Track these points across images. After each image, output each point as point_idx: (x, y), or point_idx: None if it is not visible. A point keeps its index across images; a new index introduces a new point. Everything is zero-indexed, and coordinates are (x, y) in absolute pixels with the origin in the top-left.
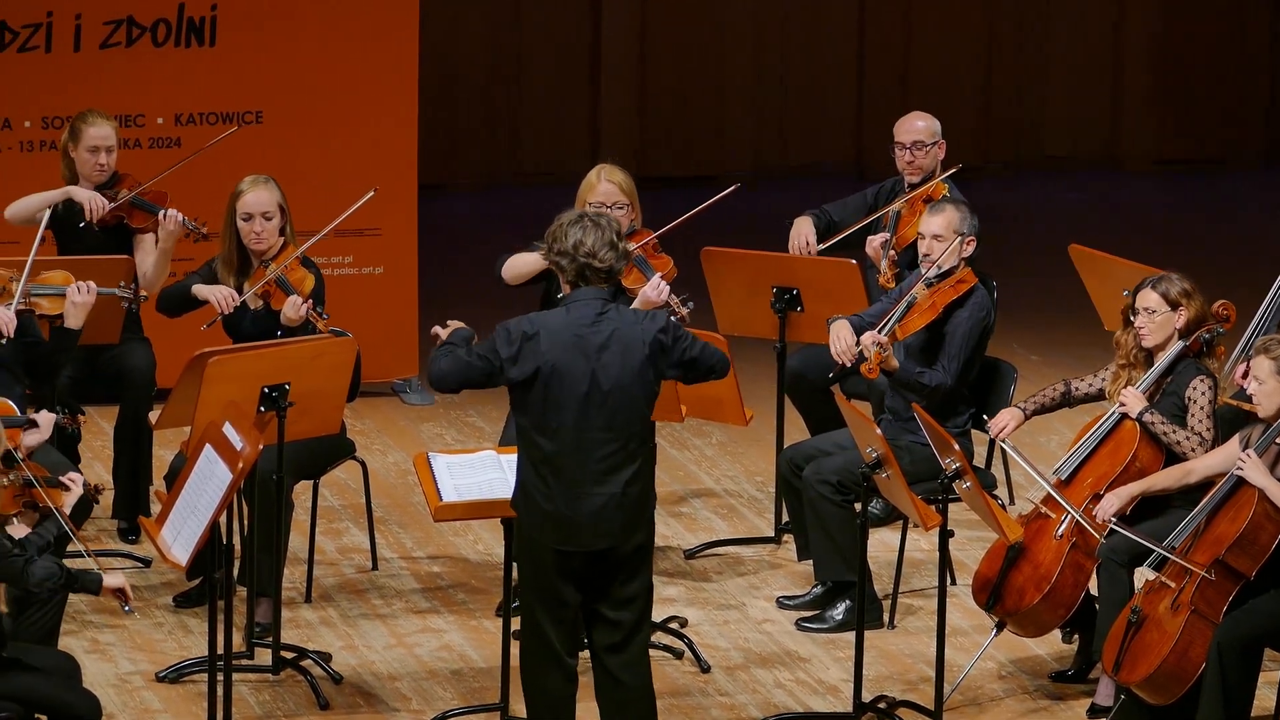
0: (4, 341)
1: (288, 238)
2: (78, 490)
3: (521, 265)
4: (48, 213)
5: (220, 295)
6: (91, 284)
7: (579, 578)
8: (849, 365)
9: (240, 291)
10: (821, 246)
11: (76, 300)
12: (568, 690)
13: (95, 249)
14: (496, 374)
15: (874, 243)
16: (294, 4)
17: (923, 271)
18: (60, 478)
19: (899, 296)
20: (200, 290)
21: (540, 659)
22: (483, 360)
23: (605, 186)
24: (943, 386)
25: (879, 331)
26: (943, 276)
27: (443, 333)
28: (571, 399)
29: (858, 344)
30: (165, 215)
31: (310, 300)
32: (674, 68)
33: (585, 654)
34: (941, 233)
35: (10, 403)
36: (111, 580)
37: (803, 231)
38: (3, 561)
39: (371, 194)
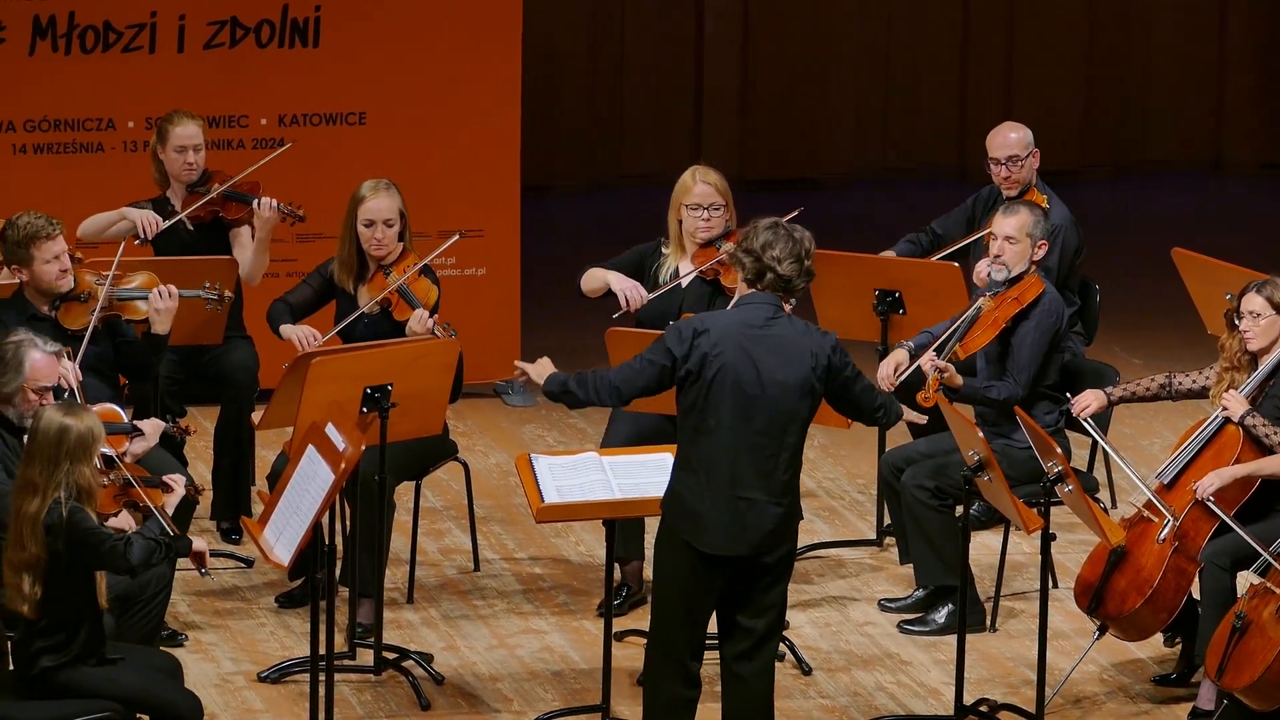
0: (65, 392)
1: (406, 244)
2: (179, 491)
3: (594, 280)
4: (139, 219)
5: (302, 335)
6: (173, 288)
7: (721, 583)
8: (890, 390)
9: (357, 295)
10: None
11: (159, 306)
12: (688, 695)
13: (191, 248)
14: (669, 373)
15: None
16: (398, 5)
17: (998, 279)
18: (162, 478)
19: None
20: (286, 332)
21: (665, 661)
22: (653, 364)
23: (701, 188)
24: (1014, 398)
25: (938, 355)
26: (1012, 282)
27: (530, 370)
28: (733, 397)
29: (903, 369)
30: (259, 203)
31: (435, 314)
32: (776, 69)
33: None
34: (1014, 234)
35: (117, 409)
36: (196, 544)
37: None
38: (105, 548)
39: (456, 237)
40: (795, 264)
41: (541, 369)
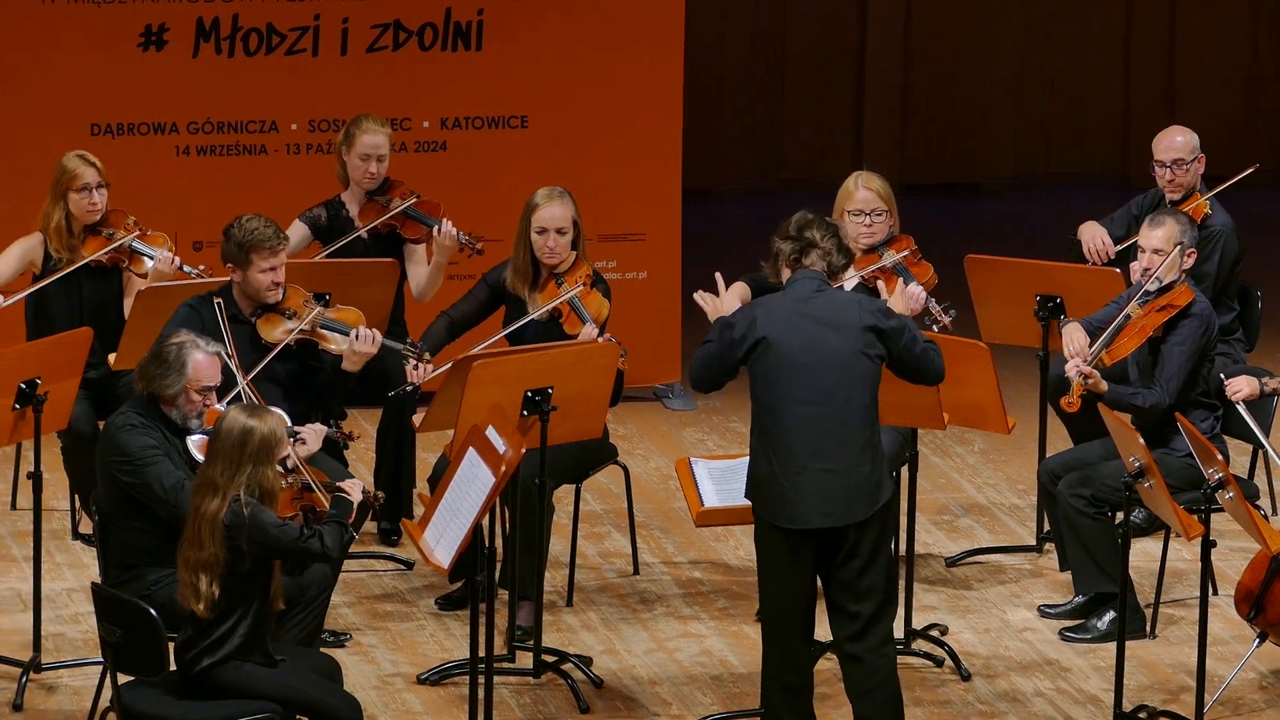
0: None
1: (580, 252)
2: (356, 495)
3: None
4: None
5: (417, 377)
6: (376, 334)
7: (812, 560)
8: (1079, 372)
9: (529, 302)
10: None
11: (356, 346)
12: (798, 682)
13: (363, 256)
14: (730, 354)
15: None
16: (561, 8)
17: (1143, 283)
18: (339, 485)
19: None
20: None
21: (774, 650)
22: (721, 341)
23: (863, 194)
24: (1159, 406)
25: (1085, 360)
26: (1163, 290)
27: (708, 303)
28: (787, 371)
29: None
30: (440, 230)
31: (605, 331)
32: (938, 73)
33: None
34: (1162, 246)
35: (281, 413)
36: (352, 493)
37: (1096, 234)
38: (301, 545)
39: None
40: (833, 239)
41: (717, 307)
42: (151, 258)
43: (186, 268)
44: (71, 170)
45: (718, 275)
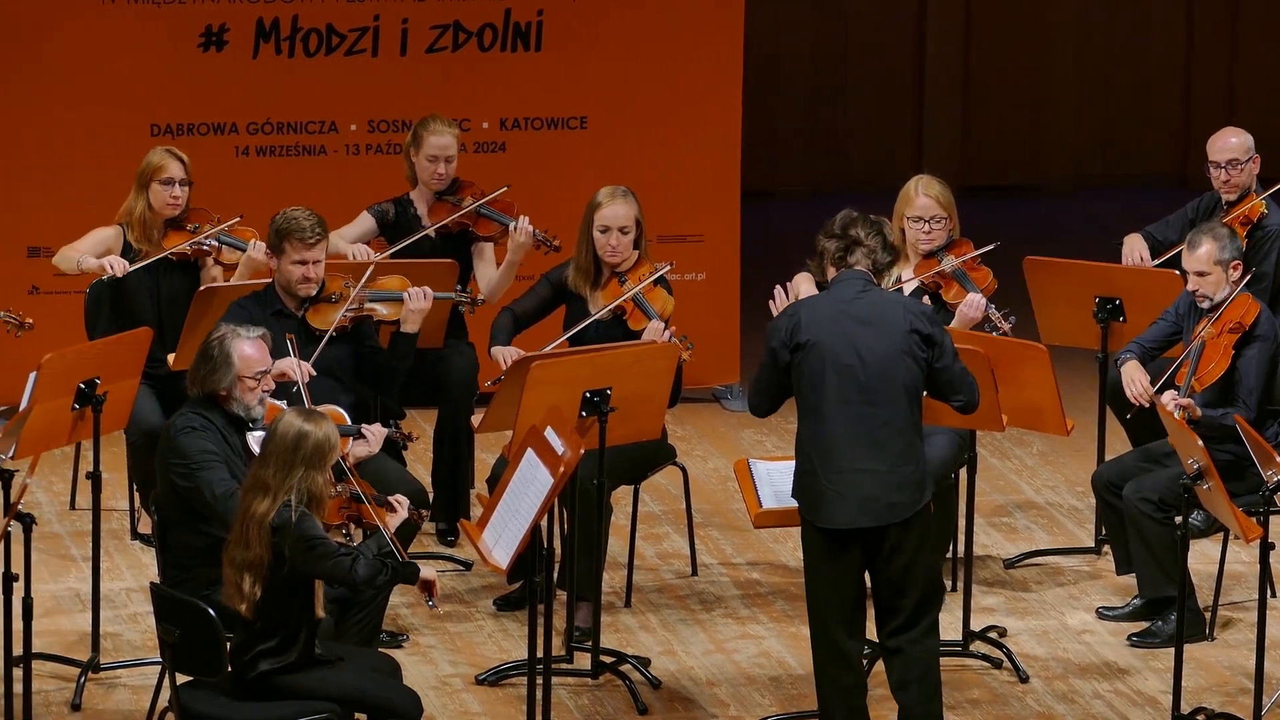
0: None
1: (642, 251)
2: (403, 513)
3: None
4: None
5: (507, 356)
6: (428, 289)
7: (856, 559)
8: (1147, 406)
9: (590, 301)
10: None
11: (413, 306)
12: (848, 680)
13: (430, 256)
14: (777, 361)
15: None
16: (620, 10)
17: (1202, 307)
18: (388, 498)
19: (1188, 341)
20: (495, 354)
21: (822, 649)
22: (767, 359)
23: (922, 200)
24: (1247, 420)
25: (1179, 392)
26: (1222, 304)
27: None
28: (832, 371)
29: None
30: (516, 227)
31: (673, 326)
32: (997, 76)
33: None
34: (1204, 268)
35: (342, 411)
36: (426, 573)
37: (1135, 248)
38: (332, 561)
39: (668, 266)
40: (878, 237)
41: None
42: (243, 249)
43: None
44: (157, 163)
45: (778, 289)
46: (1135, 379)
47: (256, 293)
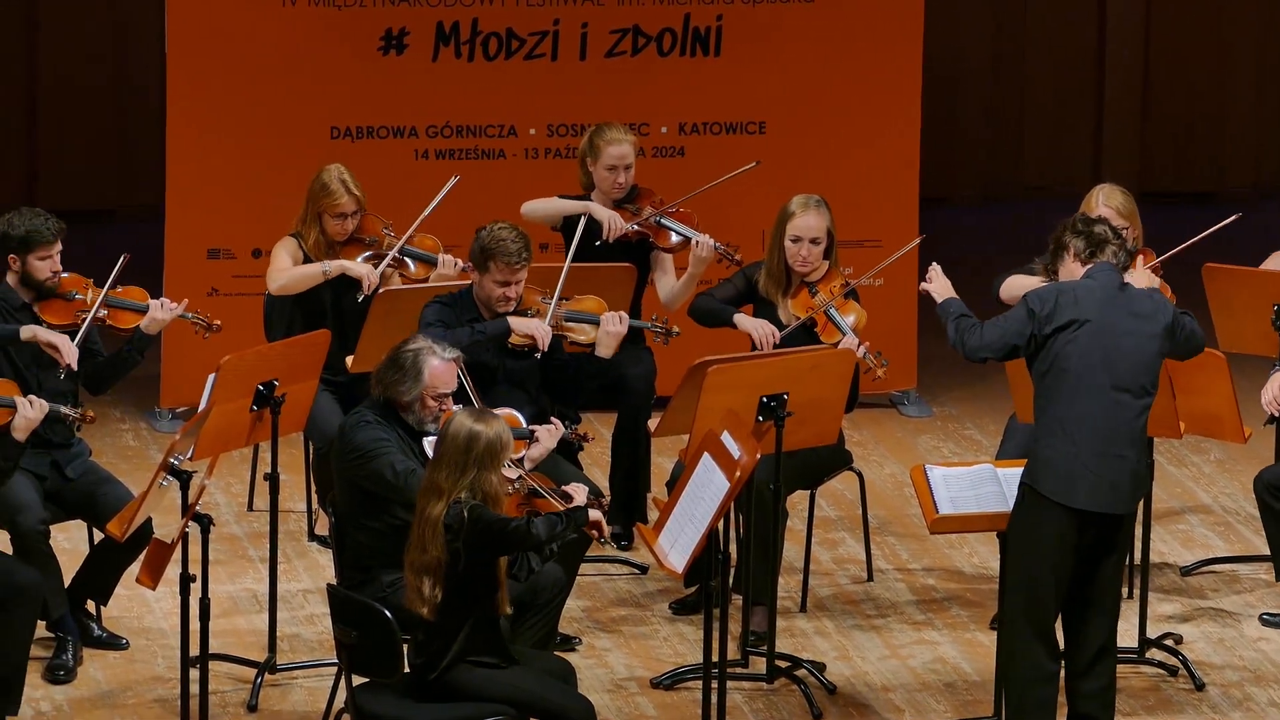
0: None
1: (832, 261)
2: (580, 501)
3: (1015, 287)
4: (580, 229)
5: (764, 334)
6: (624, 315)
7: (1083, 545)
8: (1276, 416)
9: (779, 307)
10: None
11: (610, 329)
12: (1053, 668)
13: (608, 261)
14: (1030, 334)
15: None
16: (799, 15)
17: None
18: (563, 488)
19: None
20: (742, 322)
21: (1033, 638)
22: (1012, 322)
23: (1104, 210)
24: None
25: None
26: None
27: (935, 283)
28: (1103, 354)
29: None
30: (698, 243)
31: (866, 342)
32: (1176, 82)
33: None
34: None
35: (516, 414)
36: (593, 513)
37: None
38: (509, 530)
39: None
40: (1120, 237)
41: (945, 287)
42: (430, 262)
43: (464, 264)
44: (333, 196)
45: (935, 265)
46: (1269, 386)
47: (454, 295)
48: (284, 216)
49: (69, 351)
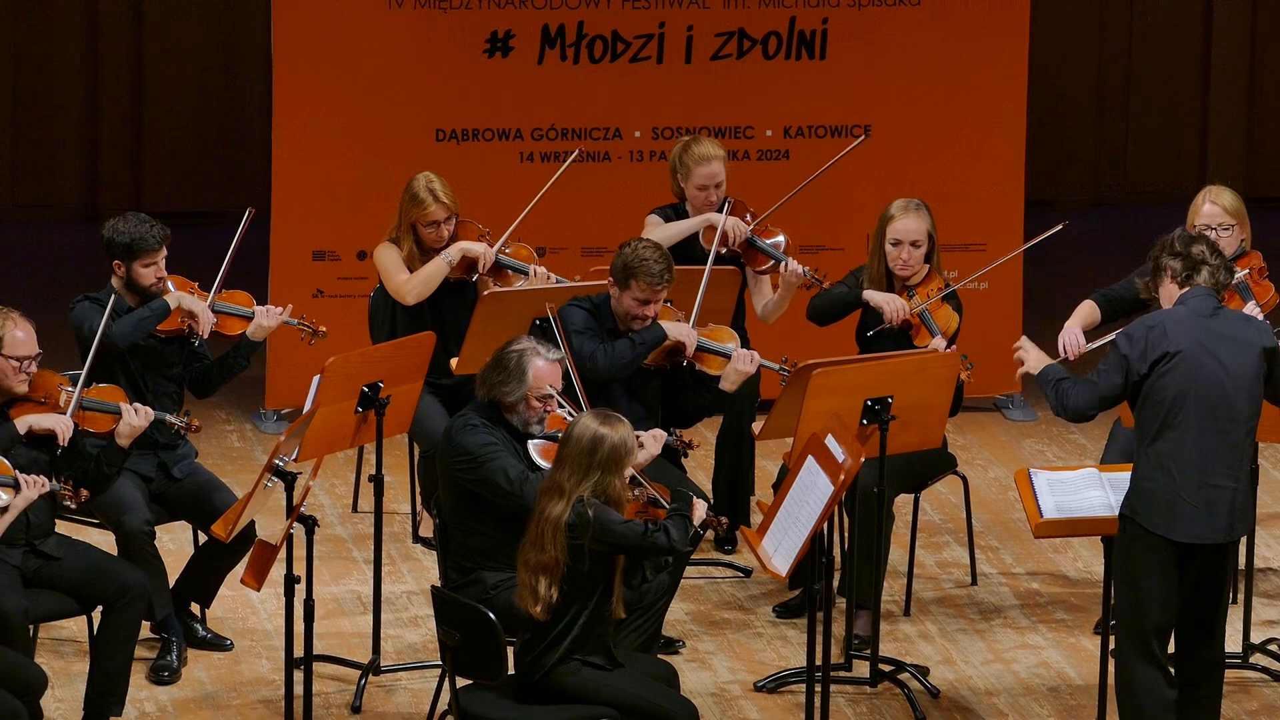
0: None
1: (934, 265)
2: (700, 514)
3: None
4: (711, 257)
5: (895, 308)
6: (755, 355)
7: (1188, 576)
8: None
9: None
10: None
11: (740, 366)
12: (1172, 695)
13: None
14: (1128, 377)
15: None
16: (904, 18)
17: None
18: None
19: None
20: (872, 296)
21: (1147, 668)
22: (1107, 373)
23: (1208, 209)
24: None
25: None
26: None
27: (1028, 355)
28: (1198, 384)
29: None
30: (785, 268)
31: (953, 344)
32: None
33: None
34: None
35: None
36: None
37: None
38: (646, 538)
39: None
40: (1220, 257)
41: (1040, 358)
42: (523, 272)
43: (557, 278)
44: (422, 206)
45: (1024, 338)
46: None
47: (594, 300)
48: (388, 219)
49: (206, 322)
